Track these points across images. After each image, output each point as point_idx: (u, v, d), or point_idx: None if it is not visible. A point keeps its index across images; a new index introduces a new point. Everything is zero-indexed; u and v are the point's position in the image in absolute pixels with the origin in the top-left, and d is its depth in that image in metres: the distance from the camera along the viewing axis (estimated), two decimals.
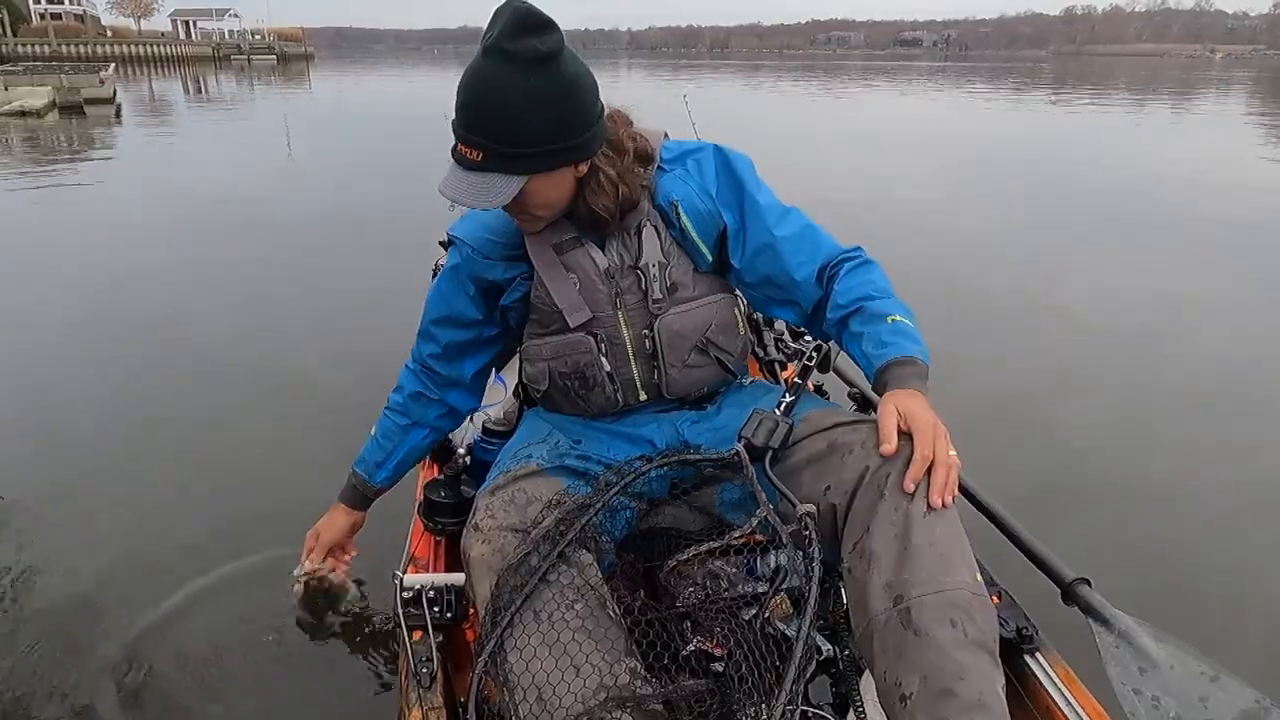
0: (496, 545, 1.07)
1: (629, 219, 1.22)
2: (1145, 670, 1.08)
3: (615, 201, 1.18)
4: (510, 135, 1.07)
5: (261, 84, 30.75)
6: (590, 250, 1.24)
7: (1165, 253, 5.98)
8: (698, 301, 1.27)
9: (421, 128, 12.01)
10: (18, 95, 16.32)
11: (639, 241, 1.23)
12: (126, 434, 2.93)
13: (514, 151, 1.08)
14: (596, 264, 1.24)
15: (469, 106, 1.07)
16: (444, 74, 39.08)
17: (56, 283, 4.79)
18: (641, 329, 1.25)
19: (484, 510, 1.13)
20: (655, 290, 1.23)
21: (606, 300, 1.24)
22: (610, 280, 1.24)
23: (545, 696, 0.92)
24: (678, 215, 1.23)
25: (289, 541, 1.69)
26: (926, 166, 10.27)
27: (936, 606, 0.94)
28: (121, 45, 48.61)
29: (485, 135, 1.07)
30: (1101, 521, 2.47)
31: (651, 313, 1.25)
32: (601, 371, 1.26)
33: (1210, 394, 3.46)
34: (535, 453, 1.24)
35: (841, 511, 1.06)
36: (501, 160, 1.08)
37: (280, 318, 4.33)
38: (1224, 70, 56.78)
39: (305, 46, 68.04)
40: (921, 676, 0.91)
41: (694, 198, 1.24)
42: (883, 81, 35.95)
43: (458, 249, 1.33)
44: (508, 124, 1.06)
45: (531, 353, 1.31)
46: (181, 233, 6.26)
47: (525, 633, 0.97)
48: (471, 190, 1.09)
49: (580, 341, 1.25)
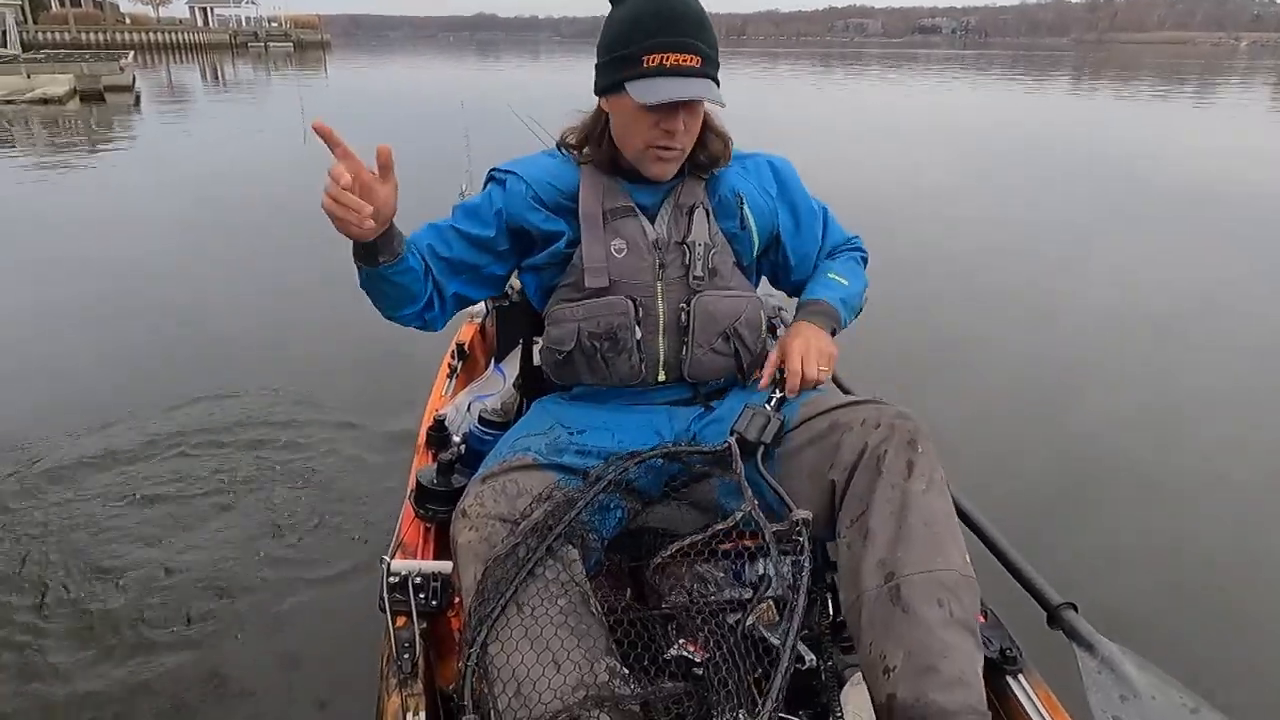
0: (484, 534, 1.08)
1: (687, 194, 1.31)
2: (1126, 698, 1.08)
3: (724, 149, 1.31)
4: (713, 41, 1.19)
5: (279, 72, 30.81)
6: (641, 220, 1.29)
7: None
8: (733, 291, 1.32)
9: (437, 121, 12.00)
10: (40, 83, 16.51)
11: (689, 221, 1.29)
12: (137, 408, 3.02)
13: (716, 59, 1.20)
14: (646, 234, 1.29)
15: (676, 17, 1.16)
16: (460, 62, 38.93)
17: (79, 271, 4.88)
18: (678, 304, 1.29)
19: (474, 497, 1.13)
20: (697, 268, 1.28)
21: (649, 269, 1.28)
22: (656, 250, 1.28)
23: (524, 690, 0.94)
24: (740, 205, 1.32)
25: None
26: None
27: (925, 586, 0.99)
28: (140, 32, 48.73)
29: (700, 39, 1.17)
30: (1125, 516, 2.51)
31: (691, 288, 1.29)
32: (633, 338, 1.28)
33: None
34: (533, 445, 1.25)
35: (840, 488, 1.11)
36: (713, 66, 1.19)
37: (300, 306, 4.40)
38: (1251, 59, 55.70)
39: (321, 34, 68.03)
40: (906, 652, 0.96)
41: (756, 194, 1.34)
42: (896, 74, 35.44)
43: (507, 184, 1.32)
44: (709, 31, 1.18)
45: (560, 315, 1.31)
46: (199, 218, 6.38)
47: (508, 625, 0.99)
48: (706, 91, 1.17)
49: (618, 303, 1.27)
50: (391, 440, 2.84)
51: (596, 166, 1.31)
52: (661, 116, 1.19)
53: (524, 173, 1.31)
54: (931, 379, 3.53)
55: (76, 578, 2.13)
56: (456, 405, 1.90)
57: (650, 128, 1.20)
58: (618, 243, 1.27)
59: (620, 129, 1.26)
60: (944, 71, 34.79)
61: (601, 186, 1.30)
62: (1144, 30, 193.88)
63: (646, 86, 1.15)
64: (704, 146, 1.29)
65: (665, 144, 1.22)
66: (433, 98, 18.47)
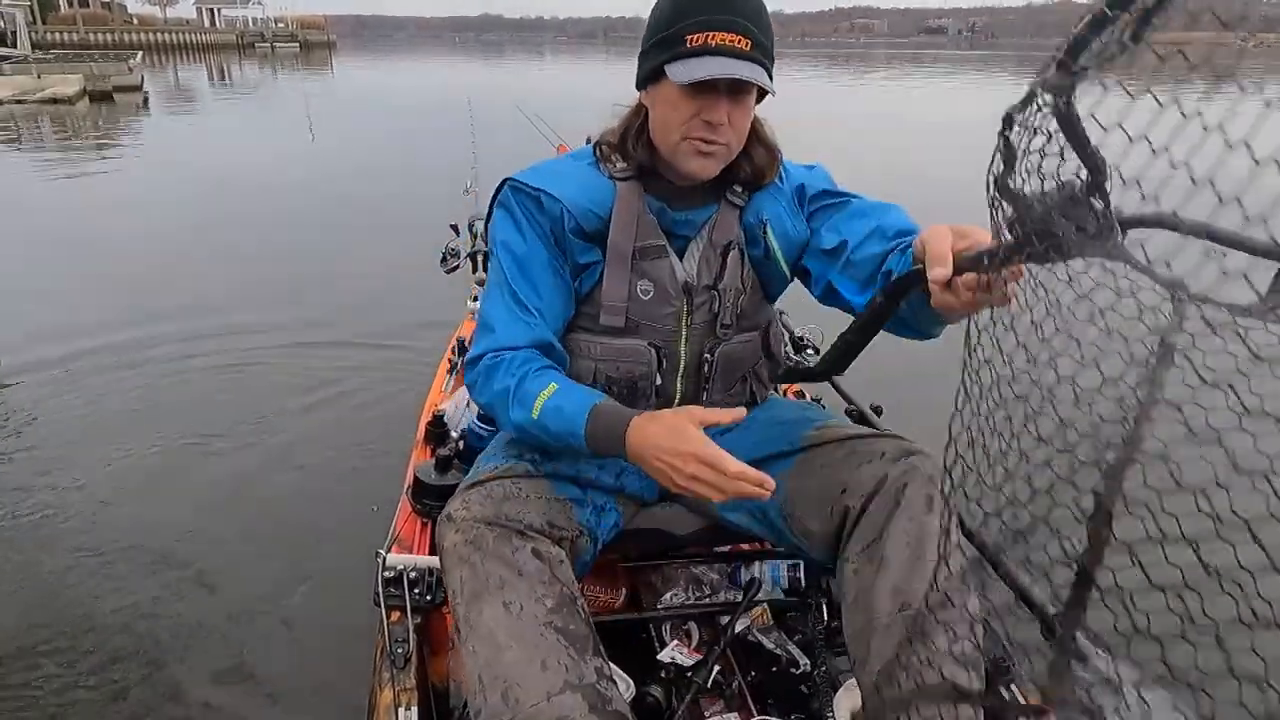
0: (469, 536, 1.05)
1: (723, 228, 1.19)
2: (1122, 711, 1.09)
3: (771, 164, 1.18)
4: (768, 27, 1.07)
5: (285, 71, 30.93)
6: (672, 259, 1.18)
7: None
8: (756, 331, 1.26)
9: (444, 119, 12.07)
10: (50, 83, 16.63)
11: (723, 262, 1.19)
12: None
13: (768, 44, 1.07)
14: (676, 276, 1.18)
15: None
16: (468, 62, 39.00)
17: (99, 272, 4.92)
18: (700, 350, 1.22)
19: (460, 502, 1.10)
20: (726, 316, 1.20)
21: (675, 315, 1.19)
22: (685, 295, 1.19)
23: (511, 689, 0.93)
24: (764, 234, 1.20)
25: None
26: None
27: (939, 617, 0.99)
28: (147, 33, 49.01)
29: (753, 21, 1.05)
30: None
31: (718, 336, 1.22)
32: (652, 385, 1.21)
33: None
34: (524, 451, 1.21)
35: (855, 513, 1.10)
36: (763, 51, 1.06)
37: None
38: (1267, 58, 55.43)
39: (327, 34, 68.31)
40: (916, 681, 0.96)
41: (784, 218, 1.21)
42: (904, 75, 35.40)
43: (543, 203, 1.15)
44: (765, 16, 1.07)
45: (576, 346, 1.22)
46: (208, 215, 6.46)
47: (495, 626, 0.98)
48: (750, 73, 1.04)
49: (641, 352, 1.19)
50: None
51: (633, 179, 1.17)
52: (703, 104, 1.06)
53: (560, 193, 1.15)
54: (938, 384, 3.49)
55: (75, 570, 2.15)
56: (455, 401, 1.90)
57: (690, 117, 1.07)
58: (644, 284, 1.17)
59: (658, 121, 1.13)
60: (954, 75, 34.70)
61: (635, 215, 1.17)
62: None
63: (688, 66, 1.04)
64: (749, 157, 1.16)
65: (706, 136, 1.08)
66: (439, 96, 18.52)
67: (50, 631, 1.95)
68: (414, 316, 3.94)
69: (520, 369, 1.10)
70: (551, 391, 1.07)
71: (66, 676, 1.83)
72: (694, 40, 1.04)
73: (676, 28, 1.05)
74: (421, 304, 4.02)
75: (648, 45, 1.11)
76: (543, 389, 1.07)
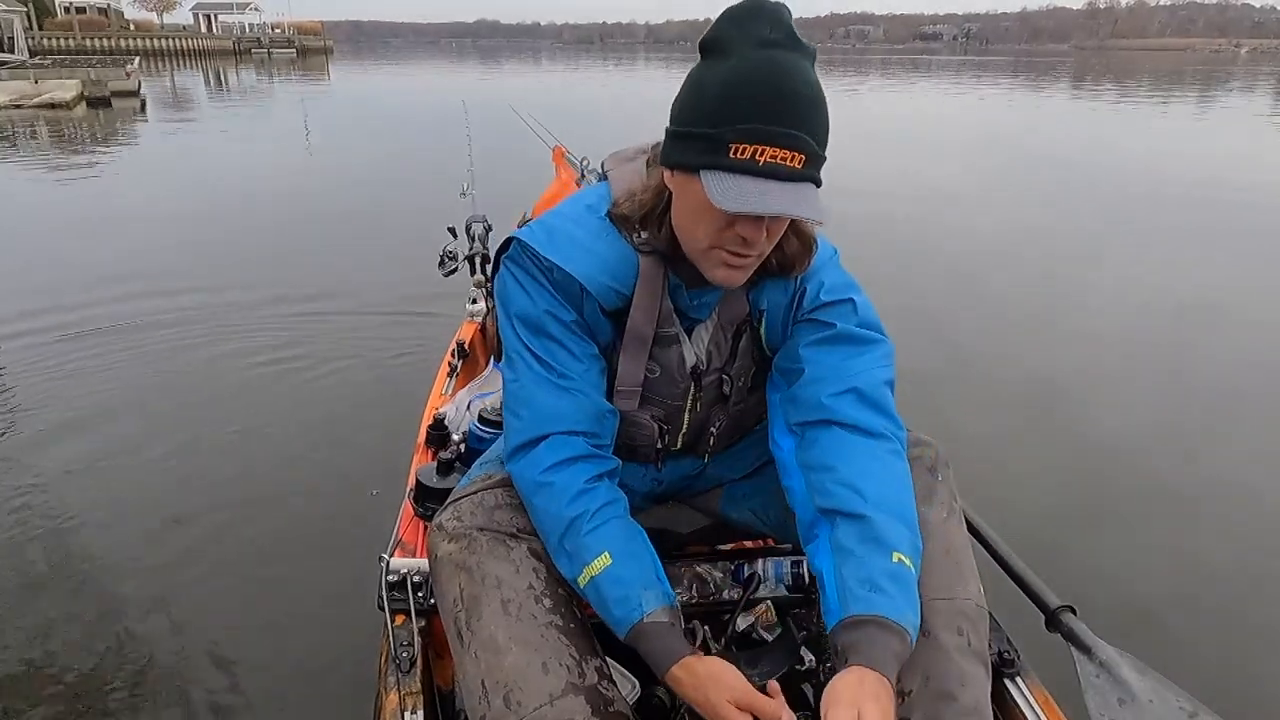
0: (463, 544, 1.04)
1: (734, 305, 1.12)
2: (1124, 701, 1.08)
3: (804, 255, 1.07)
4: (825, 128, 0.91)
5: (281, 77, 30.92)
6: (682, 346, 1.13)
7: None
8: (758, 396, 1.22)
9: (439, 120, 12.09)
10: (48, 88, 16.65)
11: (734, 345, 1.15)
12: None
13: (822, 149, 0.91)
14: (685, 360, 1.13)
15: (784, 97, 0.86)
16: (461, 67, 39.06)
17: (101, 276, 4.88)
18: (705, 420, 1.20)
19: (450, 512, 1.09)
20: (735, 395, 1.19)
21: (682, 394, 1.16)
22: (693, 377, 1.15)
23: (513, 693, 0.93)
24: (759, 322, 1.14)
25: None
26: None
27: (946, 613, 1.00)
28: (144, 39, 48.95)
29: (811, 130, 0.89)
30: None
31: (726, 409, 1.20)
32: (655, 449, 1.20)
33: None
34: None
35: None
36: (816, 167, 0.91)
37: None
38: (1251, 65, 55.85)
39: (324, 40, 68.35)
40: (924, 677, 0.96)
41: (779, 312, 1.13)
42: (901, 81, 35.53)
43: (555, 277, 1.05)
44: (823, 115, 0.90)
45: None
46: (203, 221, 6.44)
47: (495, 626, 0.97)
48: (803, 203, 0.89)
49: (645, 425, 1.17)
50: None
51: (656, 253, 1.05)
52: (740, 220, 0.93)
53: (578, 272, 1.03)
54: (946, 387, 3.50)
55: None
56: (456, 404, 1.91)
57: (722, 229, 0.94)
58: (651, 365, 1.13)
59: (684, 216, 0.99)
60: (953, 78, 34.82)
61: (658, 298, 1.07)
62: (1145, 36, 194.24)
63: (727, 186, 0.88)
64: (780, 249, 1.03)
65: (739, 250, 0.96)
66: (434, 100, 18.54)
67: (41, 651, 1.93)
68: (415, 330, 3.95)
69: (575, 505, 1.00)
70: (603, 568, 0.97)
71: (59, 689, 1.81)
72: (739, 152, 0.87)
73: (721, 130, 0.88)
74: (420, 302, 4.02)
75: (681, 129, 0.93)
76: (595, 556, 0.98)
